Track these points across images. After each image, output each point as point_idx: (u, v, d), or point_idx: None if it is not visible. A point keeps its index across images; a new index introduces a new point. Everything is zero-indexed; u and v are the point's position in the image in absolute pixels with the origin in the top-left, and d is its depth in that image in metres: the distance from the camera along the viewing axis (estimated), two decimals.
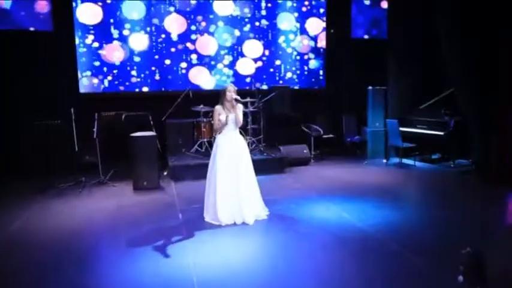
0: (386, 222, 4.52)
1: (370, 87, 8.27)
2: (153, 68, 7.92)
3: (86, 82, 7.62)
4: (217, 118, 4.61)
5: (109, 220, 4.75)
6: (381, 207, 5.00)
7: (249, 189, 4.57)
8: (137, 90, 7.88)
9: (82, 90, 7.60)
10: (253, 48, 8.48)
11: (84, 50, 7.55)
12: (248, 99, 7.28)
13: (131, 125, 6.89)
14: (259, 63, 8.56)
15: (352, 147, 8.66)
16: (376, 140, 8.30)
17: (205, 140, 7.29)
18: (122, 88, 7.79)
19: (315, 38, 8.86)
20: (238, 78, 8.42)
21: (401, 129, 7.30)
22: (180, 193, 5.85)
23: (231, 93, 4.57)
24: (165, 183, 6.39)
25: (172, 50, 7.98)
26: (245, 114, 7.22)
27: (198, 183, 6.25)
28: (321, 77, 9.03)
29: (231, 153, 4.54)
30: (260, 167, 6.63)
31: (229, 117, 4.55)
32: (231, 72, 8.41)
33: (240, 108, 4.62)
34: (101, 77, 7.67)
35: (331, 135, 8.48)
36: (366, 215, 4.73)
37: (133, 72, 7.81)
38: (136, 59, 7.79)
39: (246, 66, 8.50)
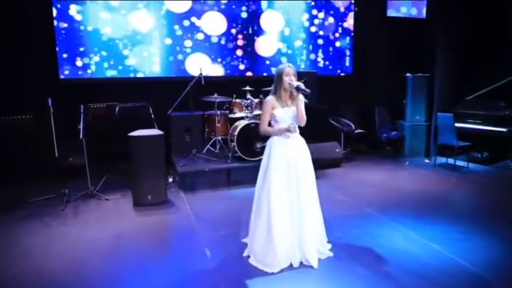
0: (495, 258, 3.29)
1: (409, 75, 7.02)
2: (152, 49, 6.41)
3: (68, 65, 6.07)
4: (267, 117, 3.21)
5: (104, 262, 3.31)
6: (472, 233, 3.76)
7: (312, 215, 3.23)
8: (132, 75, 6.37)
9: (63, 75, 6.05)
10: (272, 24, 7.06)
11: (65, 25, 5.98)
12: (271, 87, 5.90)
13: (127, 119, 5.43)
14: (280, 44, 7.15)
15: (384, 144, 7.42)
16: (416, 136, 7.10)
17: (219, 137, 5.90)
18: (113, 73, 6.27)
19: (341, 16, 7.50)
20: (256, 61, 7.03)
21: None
22: (196, 211, 4.47)
23: (290, 77, 3.17)
24: (172, 194, 5.01)
25: (176, 28, 6.48)
26: None
27: (215, 195, 4.99)
28: (347, 63, 7.70)
29: (290, 164, 3.16)
30: None
31: (291, 124, 3.18)
32: (243, 53, 6.98)
33: (302, 100, 3.23)
34: (87, 59, 6.13)
35: (361, 131, 7.22)
36: (461, 247, 3.47)
37: (127, 53, 6.29)
38: (132, 37, 6.27)
39: (266, 46, 7.09)
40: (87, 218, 4.29)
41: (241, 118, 5.91)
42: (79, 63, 6.10)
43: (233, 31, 6.82)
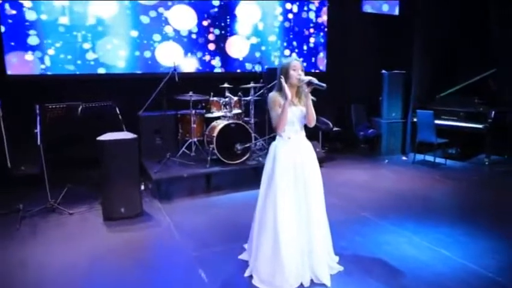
0: (505, 260, 3.15)
1: (385, 72, 6.94)
2: (116, 41, 5.76)
3: (15, 59, 5.27)
4: (277, 113, 2.80)
5: None
6: (475, 235, 3.62)
7: (320, 227, 2.88)
8: (94, 71, 5.68)
9: (11, 71, 5.25)
10: (246, 19, 6.65)
11: (13, 11, 5.18)
12: (252, 84, 5.52)
13: (91, 121, 4.80)
14: (254, 40, 6.76)
15: (361, 142, 7.30)
16: (392, 133, 7.04)
17: (195, 139, 5.40)
18: (72, 68, 5.55)
19: (315, 10, 7.26)
20: (229, 56, 6.59)
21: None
22: (178, 223, 3.97)
23: (298, 72, 2.79)
24: (147, 204, 4.45)
25: (143, 19, 5.87)
26: (247, 104, 5.50)
27: (195, 203, 4.55)
28: (322, 59, 7.49)
29: (297, 169, 2.79)
30: None
31: (296, 112, 2.80)
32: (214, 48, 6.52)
33: (308, 96, 2.85)
34: (39, 53, 5.36)
35: (338, 129, 7.04)
36: (469, 251, 3.31)
37: (88, 46, 5.59)
38: (93, 28, 5.58)
39: (239, 42, 6.67)
40: (48, 237, 3.65)
41: (218, 118, 5.47)
42: (29, 57, 5.33)
43: (205, 23, 6.33)
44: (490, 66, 6.15)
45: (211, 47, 6.43)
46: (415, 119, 6.65)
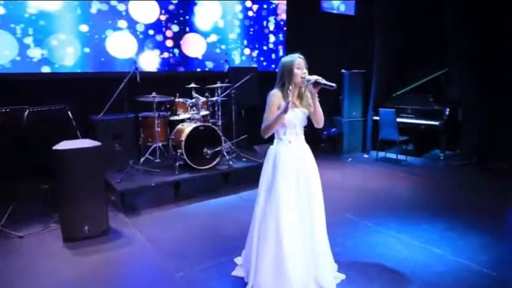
0: (496, 255, 3.22)
1: (345, 71, 7.01)
2: (62, 36, 5.10)
3: None
4: (272, 114, 2.55)
5: None
6: (461, 230, 3.68)
7: (322, 237, 2.70)
8: (37, 70, 4.98)
9: None
10: (207, 15, 6.30)
11: None
12: (218, 84, 5.21)
13: (40, 126, 4.19)
14: (213, 37, 6.43)
15: (323, 141, 7.33)
16: (353, 131, 7.15)
17: (159, 144, 4.96)
18: (8, 66, 4.80)
19: (274, 9, 7.13)
20: (189, 55, 6.20)
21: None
22: (152, 239, 3.56)
23: (302, 70, 2.57)
24: (111, 219, 3.93)
25: (94, 11, 5.27)
26: (213, 105, 5.19)
27: (165, 215, 4.21)
28: (281, 57, 7.36)
29: (300, 177, 2.57)
30: (244, 179, 4.86)
31: (298, 114, 2.57)
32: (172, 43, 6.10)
33: (315, 97, 2.63)
34: None
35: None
36: (460, 247, 3.34)
37: (29, 41, 4.87)
38: (36, 20, 4.87)
39: (199, 40, 6.30)
40: None
41: (182, 121, 5.08)
42: None
43: (162, 18, 5.87)
44: (443, 65, 6.47)
45: (169, 43, 5.99)
46: (375, 118, 6.81)
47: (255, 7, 6.84)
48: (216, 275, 2.91)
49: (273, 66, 7.24)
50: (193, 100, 4.95)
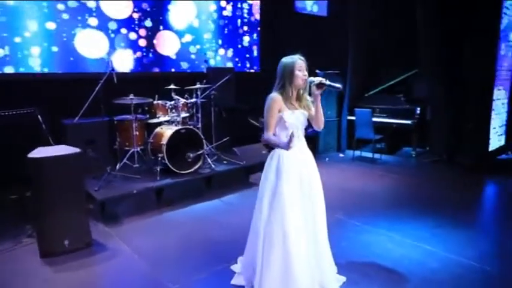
0: (485, 249, 3.34)
1: (319, 72, 7.06)
2: (27, 34, 4.72)
3: None
4: (274, 120, 2.49)
5: None
6: (448, 226, 3.79)
7: (325, 240, 2.66)
8: (7, 71, 4.58)
9: None
10: (181, 14, 6.11)
11: None
12: (198, 85, 5.06)
13: (9, 131, 3.85)
14: (188, 37, 6.25)
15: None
16: (329, 131, 7.23)
17: (137, 149, 4.73)
18: None
19: (249, 9, 7.05)
20: (162, 54, 5.97)
21: None
22: (140, 249, 3.36)
23: (303, 72, 2.51)
24: (93, 231, 3.69)
25: (61, 8, 4.92)
26: (192, 106, 5.04)
27: (149, 222, 4.04)
28: (256, 58, 7.32)
29: (304, 182, 2.52)
30: (226, 182, 4.77)
31: (294, 131, 2.49)
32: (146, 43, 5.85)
33: (318, 99, 2.57)
34: None
35: None
36: (450, 243, 3.43)
37: None
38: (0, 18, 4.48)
39: (173, 39, 6.09)
40: None
41: (160, 124, 4.88)
42: None
43: (135, 16, 5.61)
44: (414, 66, 6.70)
45: (143, 43, 5.74)
46: (349, 117, 6.93)
47: (230, 7, 6.73)
48: (214, 285, 2.80)
49: (248, 66, 7.18)
50: (173, 102, 4.76)
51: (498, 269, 3.02)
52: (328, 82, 2.47)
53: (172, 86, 4.76)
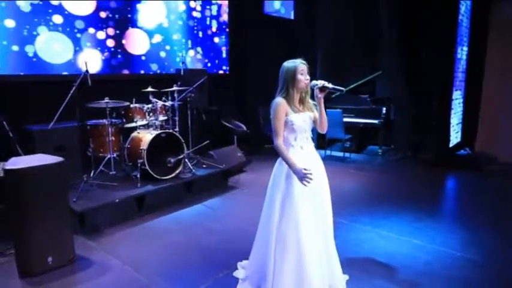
0: (469, 240, 3.59)
1: None
2: None
3: None
4: (283, 125, 2.48)
5: None
6: (430, 220, 4.02)
7: (332, 240, 2.70)
8: None
9: None
10: (150, 14, 5.88)
11: None
12: (175, 88, 4.91)
13: None
14: (157, 37, 6.03)
15: (265, 142, 7.40)
16: None
17: (114, 155, 4.48)
18: None
19: (218, 10, 6.97)
20: (131, 55, 5.71)
21: None
22: (132, 262, 3.19)
23: (305, 76, 2.52)
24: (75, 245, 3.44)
25: (22, 4, 4.53)
26: (170, 110, 4.89)
27: (134, 232, 3.93)
28: (225, 60, 7.24)
29: (315, 186, 2.51)
30: (206, 186, 4.72)
31: (306, 119, 2.52)
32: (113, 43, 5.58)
33: (321, 102, 2.60)
34: None
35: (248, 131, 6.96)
36: (436, 236, 3.64)
37: None
38: None
39: (142, 39, 5.85)
40: None
41: (135, 128, 4.68)
42: None
43: (103, 15, 5.31)
44: (378, 68, 7.02)
45: (111, 43, 5.45)
46: None
47: (199, 7, 6.60)
48: None
49: (217, 67, 7.08)
50: (151, 105, 4.58)
51: (481, 256, 3.25)
52: (331, 85, 2.51)
53: (150, 89, 4.57)
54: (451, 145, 6.48)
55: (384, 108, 6.82)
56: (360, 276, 2.92)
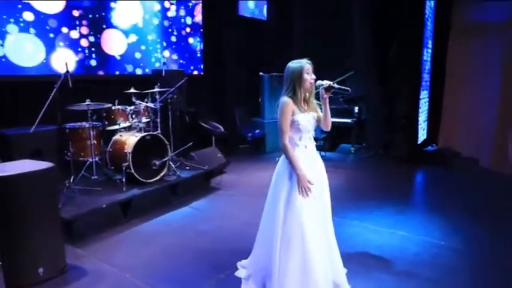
0: (449, 229, 3.83)
1: (264, 74, 7.25)
2: None
3: None
4: (289, 124, 2.54)
5: None
6: (409, 212, 4.28)
7: (333, 235, 2.79)
8: None
9: None
10: (125, 13, 5.71)
11: None
12: (157, 89, 4.81)
13: None
14: (132, 37, 5.88)
15: (242, 143, 7.45)
16: (275, 132, 7.43)
17: (96, 159, 4.32)
18: None
19: (191, 10, 6.90)
20: (107, 55, 5.53)
21: None
22: (128, 268, 3.09)
23: (311, 75, 2.59)
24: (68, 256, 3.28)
25: None
26: (153, 111, 4.81)
27: (123, 237, 3.86)
28: (200, 61, 7.19)
29: (316, 182, 2.61)
30: (190, 188, 4.72)
31: (310, 119, 2.60)
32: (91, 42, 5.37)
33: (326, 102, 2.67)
34: None
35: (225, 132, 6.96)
36: (418, 227, 3.85)
37: None
38: None
39: (117, 39, 5.67)
40: None
41: (114, 131, 4.55)
42: None
43: (75, 14, 5.09)
44: (350, 68, 7.26)
45: (84, 43, 5.24)
46: None
47: (174, 7, 6.51)
48: None
49: (192, 68, 7.01)
50: (134, 107, 4.46)
51: (463, 244, 3.49)
52: (337, 85, 2.60)
53: (132, 90, 4.45)
54: (418, 142, 6.86)
55: (356, 108, 7.08)
56: (358, 270, 3.02)
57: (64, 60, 3.97)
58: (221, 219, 4.19)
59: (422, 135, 7.12)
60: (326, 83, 2.60)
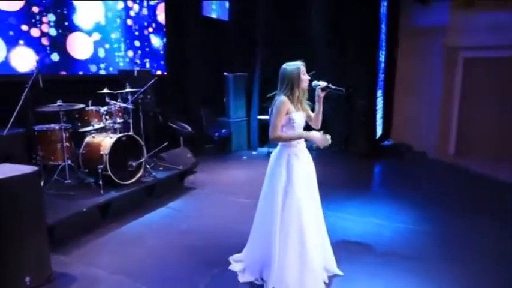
0: (417, 214, 4.22)
1: (228, 74, 7.33)
2: None
3: None
4: (282, 121, 2.68)
5: None
6: (377, 201, 4.63)
7: (324, 222, 3.00)
8: None
9: None
10: (88, 11, 5.50)
11: None
12: (128, 89, 4.72)
13: None
14: (96, 36, 5.68)
15: (207, 142, 7.48)
16: (240, 131, 7.57)
17: (68, 162, 4.15)
18: None
19: (153, 9, 6.79)
20: (69, 55, 5.29)
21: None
22: (122, 271, 3.05)
23: (307, 76, 2.76)
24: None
25: None
26: (128, 113, 4.73)
27: (105, 241, 3.76)
28: (164, 60, 7.09)
29: (308, 179, 2.81)
30: (166, 189, 4.73)
31: (303, 117, 2.81)
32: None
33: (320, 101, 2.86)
34: None
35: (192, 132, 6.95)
36: (386, 213, 4.21)
37: None
38: None
39: (81, 39, 5.44)
40: None
41: (85, 133, 4.41)
42: None
43: (35, 10, 4.82)
44: (312, 67, 7.56)
45: (46, 41, 4.98)
46: (261, 117, 7.40)
47: (136, 6, 6.36)
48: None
49: (155, 67, 6.90)
50: (107, 108, 4.34)
51: (431, 227, 3.86)
52: (332, 87, 2.79)
53: (105, 90, 4.33)
54: (376, 137, 7.34)
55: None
56: (348, 256, 3.23)
57: (33, 59, 3.76)
58: (200, 218, 4.23)
59: (379, 131, 7.62)
60: (323, 83, 2.78)
